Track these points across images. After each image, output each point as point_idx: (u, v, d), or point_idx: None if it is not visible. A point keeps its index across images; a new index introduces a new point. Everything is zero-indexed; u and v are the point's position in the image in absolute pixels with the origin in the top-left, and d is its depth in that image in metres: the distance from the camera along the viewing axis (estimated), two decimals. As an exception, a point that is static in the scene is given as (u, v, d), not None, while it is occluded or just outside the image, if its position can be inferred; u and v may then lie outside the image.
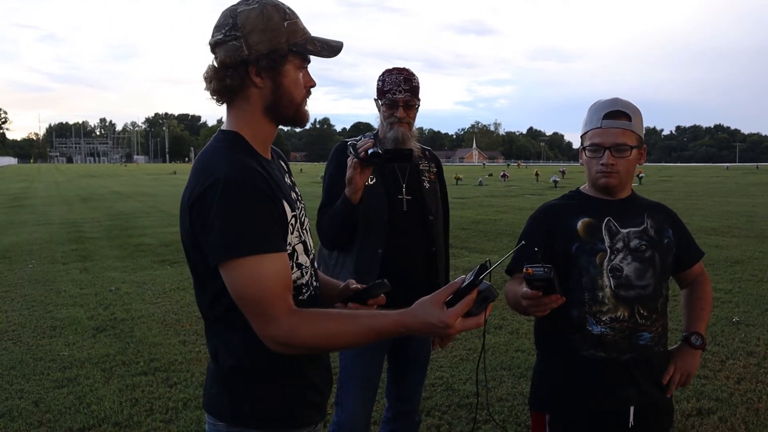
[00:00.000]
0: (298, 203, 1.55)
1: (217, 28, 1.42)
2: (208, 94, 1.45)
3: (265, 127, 1.49)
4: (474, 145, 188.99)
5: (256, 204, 1.33)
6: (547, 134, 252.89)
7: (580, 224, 1.99)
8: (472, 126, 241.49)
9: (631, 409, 1.97)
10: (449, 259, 2.77)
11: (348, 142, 2.49)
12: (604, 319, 1.93)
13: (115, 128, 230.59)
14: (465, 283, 1.28)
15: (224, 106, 1.48)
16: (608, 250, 1.96)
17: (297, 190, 1.60)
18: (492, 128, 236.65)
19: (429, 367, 4.48)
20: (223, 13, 1.43)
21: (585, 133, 2.03)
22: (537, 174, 42.21)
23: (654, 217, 2.05)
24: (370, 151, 2.21)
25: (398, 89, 2.45)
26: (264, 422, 1.48)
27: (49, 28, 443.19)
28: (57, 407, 3.97)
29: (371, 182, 2.43)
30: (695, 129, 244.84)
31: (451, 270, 2.55)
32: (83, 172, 67.11)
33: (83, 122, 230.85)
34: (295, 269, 1.47)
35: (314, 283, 1.58)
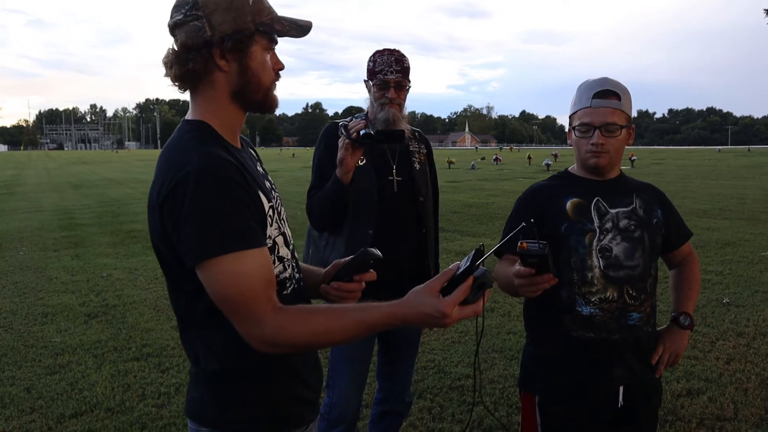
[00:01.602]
0: (273, 193, 1.46)
1: (176, 7, 1.31)
2: (169, 80, 1.34)
3: (233, 114, 1.39)
4: (466, 129, 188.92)
5: (232, 198, 1.24)
6: (540, 118, 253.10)
7: (569, 204, 1.99)
8: (465, 110, 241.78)
9: (621, 389, 1.98)
10: (439, 241, 2.77)
11: (339, 123, 2.47)
12: (593, 299, 1.93)
13: (105, 114, 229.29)
14: (460, 270, 1.23)
15: (188, 93, 1.38)
16: (597, 230, 1.95)
17: (270, 179, 1.51)
18: (484, 112, 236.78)
19: (421, 350, 4.51)
20: None
21: (574, 113, 2.01)
22: (529, 157, 42.25)
23: (643, 197, 2.05)
24: (362, 132, 2.18)
25: (390, 70, 2.43)
26: (253, 426, 1.40)
27: (37, 13, 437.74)
28: (49, 393, 3.97)
29: (361, 163, 2.41)
30: (687, 112, 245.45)
31: (443, 253, 2.55)
32: (74, 158, 66.68)
33: (73, 108, 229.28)
34: (277, 263, 1.39)
35: (297, 276, 1.49)
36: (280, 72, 1.42)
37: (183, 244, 1.24)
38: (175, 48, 1.31)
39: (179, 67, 1.31)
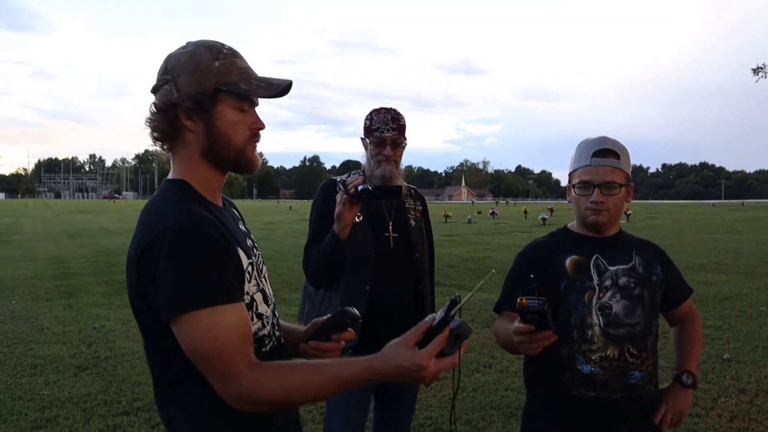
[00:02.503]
0: (254, 251, 1.47)
1: (157, 73, 1.38)
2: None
3: (208, 172, 1.40)
4: (463, 183, 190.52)
5: (208, 253, 1.24)
6: (536, 172, 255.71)
7: (568, 262, 1.98)
8: (461, 164, 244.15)
9: (623, 449, 1.93)
10: (435, 297, 2.74)
11: (336, 179, 2.49)
12: (593, 357, 1.90)
13: (104, 164, 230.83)
14: (436, 322, 1.22)
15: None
16: (597, 288, 1.94)
17: (252, 238, 1.53)
18: (481, 166, 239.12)
19: (418, 407, 4.42)
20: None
21: (574, 171, 2.02)
22: (525, 211, 42.41)
23: (642, 254, 2.04)
24: (360, 188, 2.20)
25: (386, 128, 2.47)
26: None
27: (42, 64, 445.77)
28: (34, 449, 3.85)
29: (358, 219, 2.43)
30: (681, 167, 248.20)
31: (439, 308, 2.54)
32: (71, 207, 66.76)
33: (72, 158, 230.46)
34: (255, 320, 1.38)
35: (277, 333, 1.48)
36: (260, 132, 1.42)
37: (159, 299, 1.23)
38: (151, 110, 1.37)
39: (152, 127, 1.37)
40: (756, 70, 15.34)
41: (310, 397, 1.30)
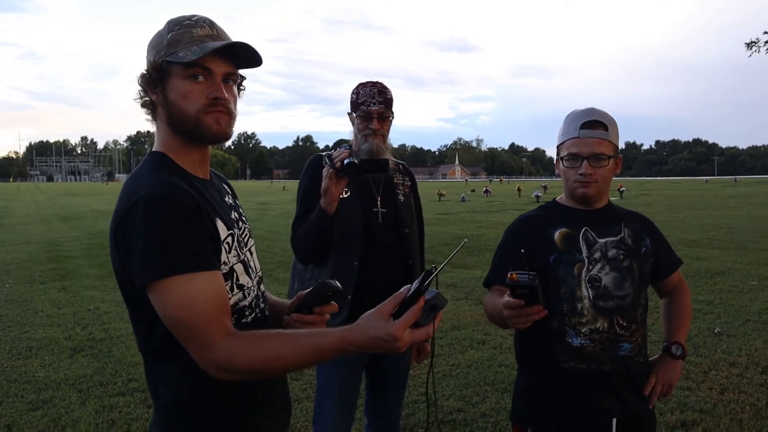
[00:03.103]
0: (240, 224, 1.49)
1: None
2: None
3: (181, 143, 1.41)
4: (456, 162, 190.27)
5: (182, 220, 1.26)
6: (529, 150, 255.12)
7: (557, 235, 1.98)
8: (455, 142, 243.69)
9: (614, 421, 1.95)
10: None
11: (323, 154, 2.47)
12: (583, 330, 1.91)
13: (96, 146, 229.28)
14: (410, 292, 1.22)
15: None
16: (586, 261, 1.94)
17: (240, 211, 1.54)
18: (474, 144, 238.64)
19: (412, 384, 4.45)
20: None
21: (562, 143, 2.02)
22: (519, 189, 42.51)
23: (631, 226, 2.04)
24: (346, 162, 2.18)
25: (372, 101, 2.45)
26: None
27: (30, 45, 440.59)
28: (30, 430, 3.87)
29: (345, 195, 2.41)
30: (674, 143, 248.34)
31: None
32: (64, 190, 66.45)
33: (64, 140, 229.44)
34: (236, 290, 1.39)
35: (260, 305, 1.49)
36: (222, 101, 1.36)
37: (133, 266, 1.25)
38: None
39: (140, 103, 1.42)
40: (749, 45, 15.30)
41: (287, 366, 1.30)
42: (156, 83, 1.37)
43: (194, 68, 1.34)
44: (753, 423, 3.83)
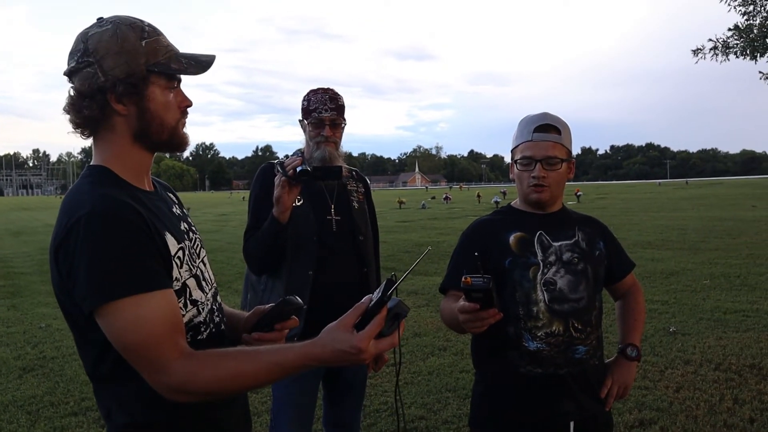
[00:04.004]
0: (190, 234, 1.42)
1: (71, 54, 1.29)
2: (70, 127, 1.31)
3: (138, 155, 1.35)
4: (416, 169, 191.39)
5: (127, 238, 1.19)
6: (488, 156, 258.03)
7: (512, 239, 1.98)
8: (414, 150, 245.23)
9: (571, 424, 1.95)
10: (381, 281, 2.71)
11: (274, 162, 2.42)
12: (539, 334, 1.91)
13: (49, 159, 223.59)
14: (372, 302, 1.20)
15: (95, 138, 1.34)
16: (541, 264, 1.95)
17: (189, 221, 1.47)
18: (434, 152, 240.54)
19: (373, 392, 4.42)
20: (76, 37, 1.30)
21: (516, 147, 2.02)
22: (479, 195, 42.93)
23: (585, 229, 2.06)
24: (298, 169, 2.14)
25: (324, 108, 2.41)
26: None
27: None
28: (-24, 455, 3.70)
29: (298, 203, 2.36)
30: (628, 148, 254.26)
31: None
32: (15, 205, 64.49)
33: (15, 153, 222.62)
34: (189, 307, 1.33)
35: (216, 320, 1.43)
36: (188, 109, 1.38)
37: (78, 290, 1.17)
38: (72, 95, 1.29)
39: (76, 114, 1.29)
40: (696, 51, 15.68)
41: (247, 385, 1.26)
42: (135, 93, 1.28)
43: (174, 80, 1.32)
44: (708, 419, 3.90)
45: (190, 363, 1.19)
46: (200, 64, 1.34)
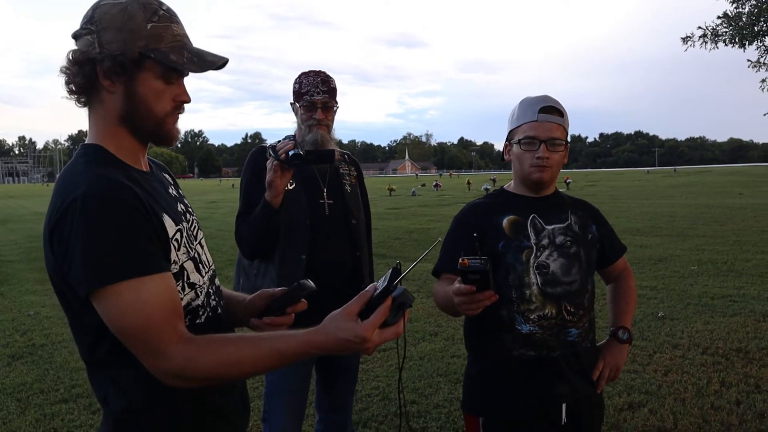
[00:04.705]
0: (187, 215, 1.39)
1: (82, 18, 1.27)
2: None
3: (126, 138, 1.30)
4: (407, 157, 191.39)
5: (124, 220, 1.15)
6: (478, 144, 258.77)
7: (505, 222, 1.98)
8: (404, 137, 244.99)
9: (564, 406, 1.96)
10: (373, 265, 2.71)
11: (266, 145, 2.40)
12: (532, 317, 1.92)
13: (35, 147, 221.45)
14: (378, 291, 1.19)
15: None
16: (534, 247, 1.95)
17: (186, 202, 1.44)
18: (424, 139, 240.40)
19: (364, 377, 4.43)
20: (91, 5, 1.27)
21: (518, 127, 1.99)
22: (469, 183, 42.97)
23: (577, 213, 2.06)
24: (290, 153, 2.11)
25: (316, 90, 2.38)
26: None
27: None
28: (-34, 442, 3.69)
29: (291, 187, 2.34)
30: (617, 136, 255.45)
31: (377, 279, 2.54)
32: (1, 193, 63.88)
33: (0, 140, 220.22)
34: (187, 290, 1.30)
35: (213, 303, 1.40)
36: (184, 105, 1.33)
37: (74, 273, 1.14)
38: (68, 58, 1.25)
39: (66, 79, 1.26)
40: (685, 39, 15.74)
41: (247, 372, 1.24)
42: (122, 72, 1.23)
43: (173, 72, 1.27)
44: (695, 401, 3.95)
45: (189, 348, 1.17)
46: (203, 63, 1.28)
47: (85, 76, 1.24)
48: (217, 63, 1.30)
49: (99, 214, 1.14)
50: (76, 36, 1.26)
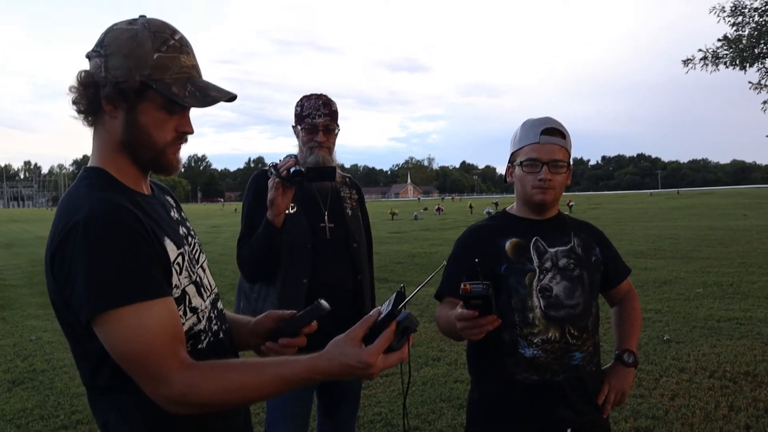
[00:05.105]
0: (189, 239, 1.38)
1: (98, 39, 1.28)
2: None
3: (128, 164, 1.30)
4: (409, 181, 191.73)
5: (126, 243, 1.14)
6: (480, 167, 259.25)
7: (508, 244, 1.96)
8: (407, 161, 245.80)
9: (568, 431, 1.93)
10: (375, 288, 2.69)
11: (267, 167, 2.39)
12: (535, 341, 1.89)
13: (40, 171, 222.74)
14: (382, 316, 1.17)
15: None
16: (537, 270, 1.93)
17: (188, 225, 1.44)
18: (426, 163, 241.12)
19: (366, 403, 4.38)
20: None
21: (520, 149, 1.99)
22: (471, 206, 43.06)
23: (580, 235, 2.05)
24: (292, 170, 2.11)
25: (318, 113, 2.39)
26: None
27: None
28: (-36, 470, 3.64)
29: (292, 210, 2.34)
30: (620, 158, 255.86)
31: (378, 303, 2.51)
32: (6, 217, 64.05)
33: (6, 165, 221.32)
34: (189, 314, 1.29)
35: (215, 328, 1.39)
36: (188, 136, 1.32)
37: (75, 298, 1.13)
38: (77, 79, 1.25)
39: (74, 98, 1.26)
40: (686, 62, 15.87)
41: (250, 398, 1.23)
42: (124, 100, 1.23)
43: (173, 103, 1.25)
44: (704, 426, 3.89)
45: (191, 374, 1.16)
46: (205, 98, 1.27)
47: (88, 99, 1.25)
48: (221, 99, 1.29)
49: (101, 238, 1.13)
50: (88, 56, 1.28)
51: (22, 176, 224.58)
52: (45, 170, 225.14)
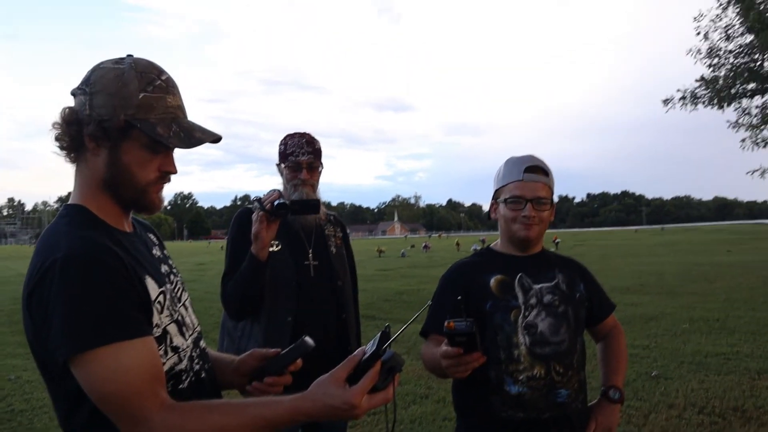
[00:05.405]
0: (171, 277, 1.37)
1: (84, 75, 1.28)
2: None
3: (109, 203, 1.29)
4: (396, 218, 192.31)
5: (105, 283, 1.13)
6: (466, 205, 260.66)
7: (493, 281, 1.97)
8: (393, 199, 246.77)
9: (555, 469, 1.90)
10: (360, 326, 2.67)
11: (251, 204, 2.40)
12: (521, 378, 1.88)
13: (24, 208, 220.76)
14: (366, 355, 1.16)
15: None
16: (522, 307, 1.93)
17: (170, 263, 1.42)
18: (412, 201, 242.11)
19: (353, 442, 4.31)
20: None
21: (504, 186, 2.01)
22: (458, 244, 43.20)
23: (565, 271, 2.06)
24: (276, 203, 2.12)
25: (301, 151, 2.41)
26: None
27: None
28: None
29: (276, 248, 2.34)
30: (604, 196, 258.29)
31: (364, 341, 2.49)
32: (-13, 256, 63.21)
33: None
34: (170, 354, 1.27)
35: (196, 367, 1.37)
36: (171, 175, 1.32)
37: (53, 338, 1.11)
38: (61, 115, 1.25)
39: (57, 134, 1.25)
40: (666, 101, 16.23)
41: None
42: (108, 138, 1.22)
43: (156, 143, 1.25)
44: (693, 465, 3.85)
45: (171, 416, 1.13)
46: (190, 139, 1.26)
47: (71, 136, 1.24)
48: (206, 140, 1.28)
49: (79, 277, 1.12)
50: (73, 93, 1.28)
51: (5, 213, 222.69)
52: (29, 207, 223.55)
